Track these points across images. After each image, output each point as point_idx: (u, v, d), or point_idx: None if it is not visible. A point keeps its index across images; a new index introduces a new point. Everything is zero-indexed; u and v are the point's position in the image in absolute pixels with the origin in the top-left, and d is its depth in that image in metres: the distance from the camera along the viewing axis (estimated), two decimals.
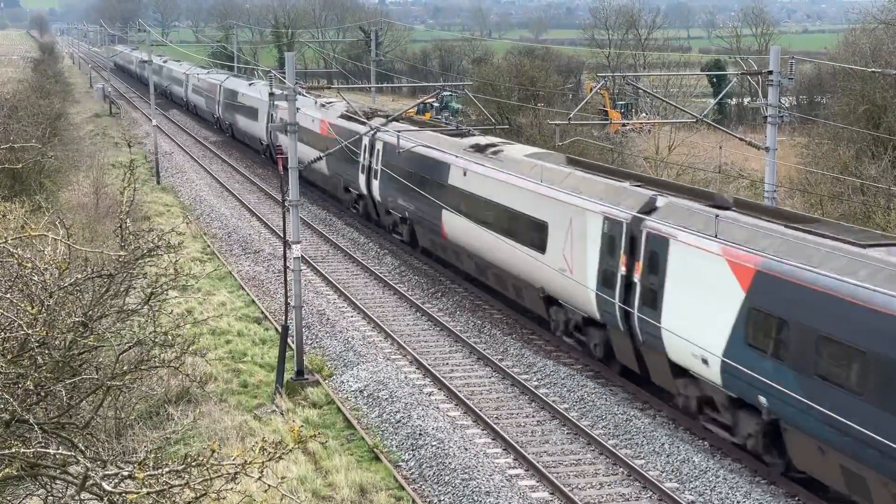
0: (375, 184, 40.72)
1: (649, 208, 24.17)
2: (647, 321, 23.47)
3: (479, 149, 33.30)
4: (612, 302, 24.82)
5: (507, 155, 31.81)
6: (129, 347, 13.80)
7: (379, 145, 39.86)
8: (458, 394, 25.23)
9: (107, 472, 10.05)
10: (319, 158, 34.29)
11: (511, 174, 30.24)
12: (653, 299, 23.33)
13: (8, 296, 12.12)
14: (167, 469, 10.00)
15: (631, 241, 24.20)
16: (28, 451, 10.35)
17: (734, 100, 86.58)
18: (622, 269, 24.45)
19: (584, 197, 26.45)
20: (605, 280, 25.19)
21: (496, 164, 31.45)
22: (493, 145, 33.42)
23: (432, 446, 22.15)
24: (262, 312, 32.94)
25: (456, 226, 33.36)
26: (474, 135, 36.80)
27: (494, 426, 23.22)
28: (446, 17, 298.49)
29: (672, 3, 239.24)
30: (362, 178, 42.26)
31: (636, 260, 23.99)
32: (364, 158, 41.65)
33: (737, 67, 64.45)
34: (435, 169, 35.01)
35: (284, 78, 28.17)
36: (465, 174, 32.84)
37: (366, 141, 40.92)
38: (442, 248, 35.82)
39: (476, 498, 19.81)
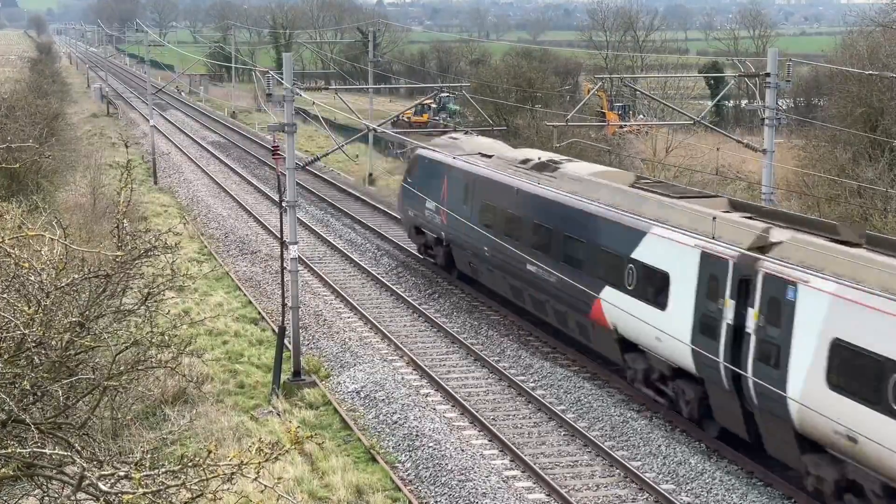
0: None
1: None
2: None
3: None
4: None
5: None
6: (126, 348, 13.77)
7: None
8: (455, 395, 25.21)
9: (103, 473, 10.04)
10: (317, 159, 34.21)
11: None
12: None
13: (4, 296, 12.12)
14: (164, 469, 10.01)
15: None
16: (24, 451, 10.35)
17: (732, 102, 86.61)
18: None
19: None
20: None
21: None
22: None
23: (429, 447, 22.15)
24: (259, 313, 32.92)
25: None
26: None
27: (491, 427, 23.21)
28: (444, 18, 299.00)
29: (670, 5, 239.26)
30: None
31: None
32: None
33: (734, 69, 64.50)
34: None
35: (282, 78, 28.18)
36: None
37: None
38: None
39: (472, 499, 19.80)
